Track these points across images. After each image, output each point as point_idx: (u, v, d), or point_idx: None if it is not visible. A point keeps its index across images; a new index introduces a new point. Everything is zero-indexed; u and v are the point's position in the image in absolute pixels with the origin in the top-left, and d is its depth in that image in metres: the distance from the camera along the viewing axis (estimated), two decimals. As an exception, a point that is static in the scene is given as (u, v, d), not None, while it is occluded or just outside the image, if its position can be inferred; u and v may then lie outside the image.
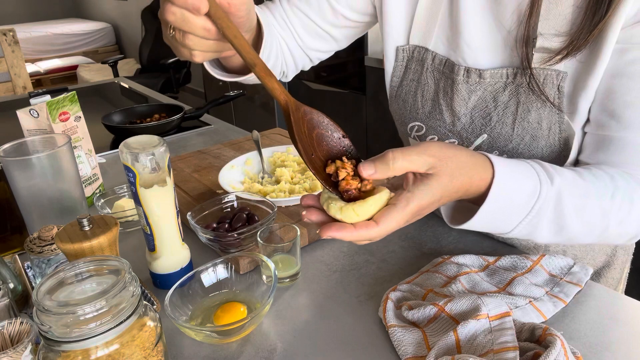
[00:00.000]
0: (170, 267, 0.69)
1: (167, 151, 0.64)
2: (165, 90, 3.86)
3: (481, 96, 0.65)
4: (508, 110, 0.64)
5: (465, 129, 0.68)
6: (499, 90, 0.64)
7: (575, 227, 0.54)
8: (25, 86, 2.56)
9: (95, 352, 0.44)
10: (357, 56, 2.56)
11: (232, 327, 0.57)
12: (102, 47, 6.28)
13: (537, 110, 0.62)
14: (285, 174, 0.95)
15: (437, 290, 0.62)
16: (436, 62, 0.69)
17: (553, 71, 0.59)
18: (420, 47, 0.71)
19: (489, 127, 0.66)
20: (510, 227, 0.52)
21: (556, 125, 0.62)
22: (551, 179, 0.52)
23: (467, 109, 0.67)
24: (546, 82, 0.60)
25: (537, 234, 0.54)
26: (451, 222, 0.55)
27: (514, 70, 0.62)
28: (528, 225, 0.52)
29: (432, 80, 0.70)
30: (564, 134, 0.62)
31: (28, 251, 0.67)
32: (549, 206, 0.51)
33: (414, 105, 0.73)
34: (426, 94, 0.71)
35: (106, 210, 0.89)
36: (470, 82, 0.65)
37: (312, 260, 0.76)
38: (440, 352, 0.51)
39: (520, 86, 0.62)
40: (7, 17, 6.32)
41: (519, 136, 0.64)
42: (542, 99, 0.61)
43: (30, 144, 0.81)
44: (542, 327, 0.52)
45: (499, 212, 0.51)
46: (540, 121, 0.62)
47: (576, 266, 0.68)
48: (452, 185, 0.47)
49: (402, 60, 0.73)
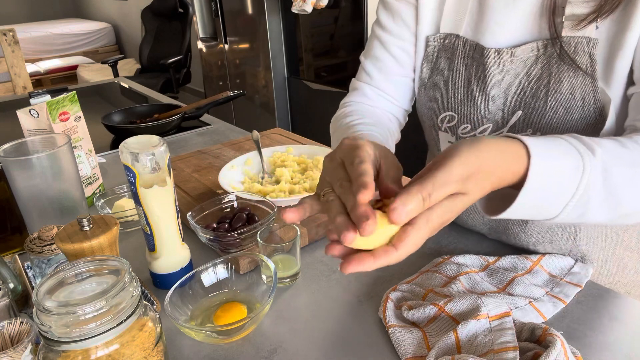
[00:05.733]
0: (170, 267, 0.69)
1: (167, 151, 0.64)
2: (165, 90, 3.86)
3: (514, 74, 0.65)
4: (541, 83, 0.63)
5: (500, 109, 0.68)
6: (531, 64, 0.64)
7: (632, 200, 0.49)
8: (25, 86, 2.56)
9: (95, 352, 0.44)
10: (357, 56, 2.55)
11: (232, 327, 0.57)
12: (102, 47, 6.28)
13: (570, 80, 0.61)
14: (285, 174, 0.95)
15: (437, 290, 0.62)
16: (467, 47, 0.69)
17: (584, 39, 0.59)
18: (451, 35, 0.71)
19: (524, 103, 0.65)
20: (557, 210, 0.48)
21: (590, 95, 0.60)
22: (592, 150, 0.48)
23: (501, 89, 0.66)
24: (577, 50, 0.59)
25: (591, 214, 0.49)
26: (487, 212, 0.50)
27: (544, 42, 0.62)
28: (578, 205, 0.47)
29: (463, 67, 0.70)
30: (599, 104, 0.61)
31: (28, 251, 0.67)
32: (597, 180, 0.47)
33: (445, 94, 0.73)
34: (457, 81, 0.71)
35: (106, 210, 0.89)
36: (502, 63, 0.65)
37: (312, 260, 0.76)
38: (440, 352, 0.51)
39: (552, 57, 0.62)
40: (7, 17, 6.32)
41: (552, 109, 0.63)
42: (574, 68, 0.60)
43: (30, 144, 0.81)
44: (542, 327, 0.52)
45: (542, 197, 0.46)
46: (573, 91, 0.61)
47: (576, 266, 0.68)
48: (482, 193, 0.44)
49: (433, 50, 0.74)
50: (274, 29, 3.01)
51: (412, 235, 0.42)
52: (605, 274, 0.74)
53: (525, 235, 0.74)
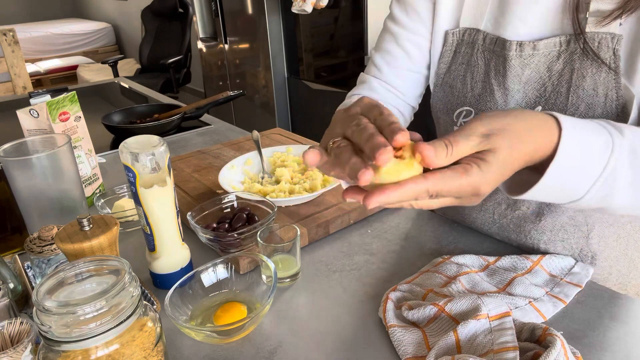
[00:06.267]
0: (170, 267, 0.69)
1: (167, 151, 0.64)
2: (165, 90, 3.86)
3: (535, 68, 0.65)
4: (562, 79, 0.63)
5: (519, 105, 0.67)
6: (553, 59, 0.64)
7: None
8: (25, 86, 2.56)
9: (95, 352, 0.44)
10: (357, 56, 2.56)
11: (232, 327, 0.57)
12: (102, 47, 6.28)
13: (592, 76, 0.61)
14: (285, 174, 0.95)
15: (437, 290, 0.62)
16: (487, 41, 0.69)
17: (608, 34, 0.58)
18: (471, 29, 0.71)
19: (544, 99, 0.65)
20: (583, 191, 0.47)
21: (613, 91, 0.60)
22: (621, 132, 0.48)
23: (521, 84, 0.66)
24: (601, 46, 0.59)
25: (615, 197, 0.48)
26: (511, 192, 0.49)
27: (567, 38, 0.62)
28: (604, 186, 0.47)
29: (482, 61, 0.70)
30: (621, 100, 0.60)
31: (28, 251, 0.67)
32: (624, 161, 0.47)
33: (463, 89, 0.72)
34: (476, 75, 0.71)
35: (106, 210, 0.89)
36: (523, 56, 0.65)
37: (312, 260, 0.76)
38: (440, 352, 0.51)
39: (574, 53, 0.62)
40: (7, 17, 6.32)
41: (574, 105, 0.63)
42: (598, 63, 0.60)
43: (30, 144, 0.81)
44: (542, 327, 0.52)
45: (570, 173, 0.45)
46: (596, 87, 0.61)
47: (577, 266, 0.68)
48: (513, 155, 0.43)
49: (452, 45, 0.73)
50: (274, 29, 3.01)
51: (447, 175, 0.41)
52: (615, 274, 0.73)
53: (537, 232, 0.73)
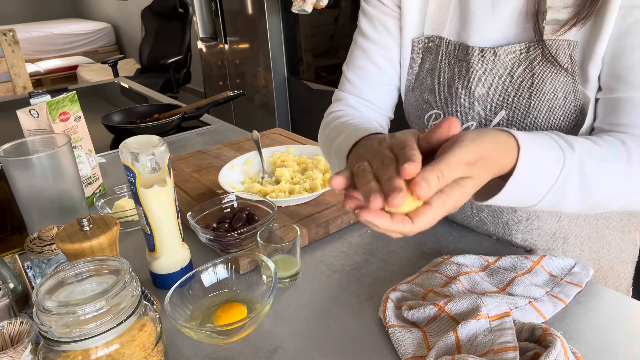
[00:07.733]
0: (170, 267, 0.69)
1: (167, 151, 0.64)
2: (165, 90, 3.86)
3: (497, 74, 0.68)
4: (524, 84, 0.66)
5: (483, 108, 0.70)
6: (514, 65, 0.66)
7: (601, 192, 0.55)
8: (25, 86, 2.56)
9: (95, 352, 0.44)
10: (357, 56, 2.55)
11: (232, 327, 0.57)
12: (102, 47, 6.28)
13: (552, 80, 0.64)
14: (285, 174, 0.95)
15: (437, 290, 0.62)
16: (450, 48, 0.71)
17: (564, 41, 0.62)
18: (434, 37, 0.73)
19: (507, 103, 0.68)
20: (537, 199, 0.53)
21: (571, 94, 0.64)
22: (571, 146, 0.53)
23: (484, 88, 0.69)
24: (559, 52, 0.63)
25: (565, 204, 0.54)
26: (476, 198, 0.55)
27: (527, 45, 0.65)
28: (555, 195, 0.53)
29: (447, 66, 0.72)
30: (579, 102, 0.64)
31: (28, 251, 0.67)
32: (574, 172, 0.52)
33: (431, 93, 0.75)
34: (442, 80, 0.73)
35: (106, 210, 0.89)
36: (485, 62, 0.68)
37: (312, 260, 0.76)
38: (440, 352, 0.51)
39: (534, 59, 0.65)
40: (7, 17, 6.32)
41: (536, 109, 0.66)
42: (557, 69, 0.63)
43: (30, 144, 0.81)
44: (542, 327, 0.52)
45: (526, 185, 0.51)
46: (555, 91, 0.64)
47: (577, 267, 0.68)
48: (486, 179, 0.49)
49: (418, 52, 0.76)
50: (274, 29, 3.01)
51: (428, 213, 0.45)
52: (587, 250, 0.77)
53: (515, 223, 0.76)
